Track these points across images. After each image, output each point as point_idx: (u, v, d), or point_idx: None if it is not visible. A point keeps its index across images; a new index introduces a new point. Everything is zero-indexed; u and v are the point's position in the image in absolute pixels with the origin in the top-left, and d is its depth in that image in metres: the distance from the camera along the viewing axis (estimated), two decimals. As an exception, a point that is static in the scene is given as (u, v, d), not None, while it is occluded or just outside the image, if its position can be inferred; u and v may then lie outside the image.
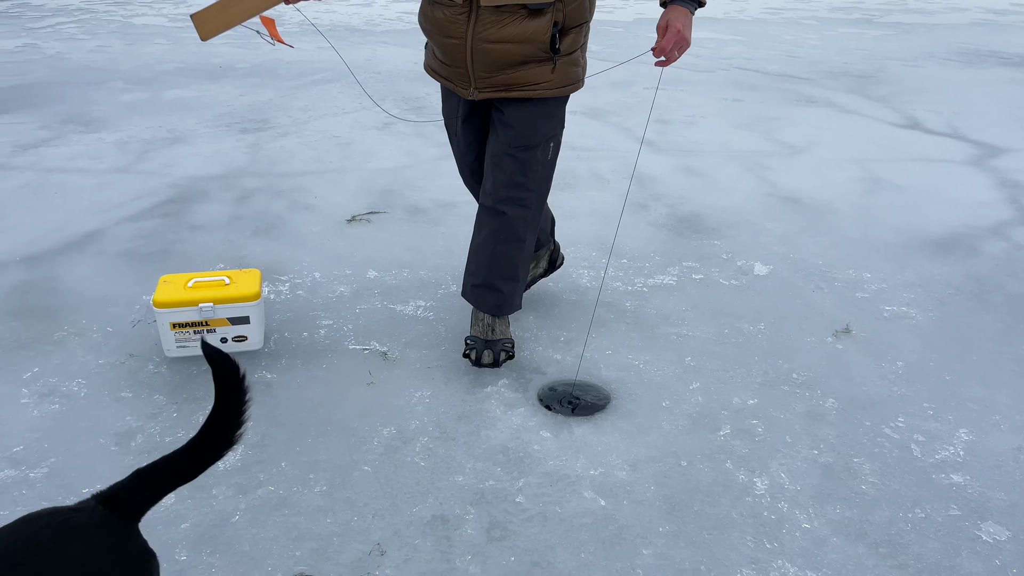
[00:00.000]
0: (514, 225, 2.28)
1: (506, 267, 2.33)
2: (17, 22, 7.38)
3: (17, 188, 3.63)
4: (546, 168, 2.27)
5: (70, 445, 2.03)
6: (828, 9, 9.17)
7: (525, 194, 2.25)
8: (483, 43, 2.06)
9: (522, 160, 2.20)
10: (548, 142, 2.23)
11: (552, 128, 2.22)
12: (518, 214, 2.27)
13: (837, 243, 3.24)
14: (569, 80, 2.17)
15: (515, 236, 2.30)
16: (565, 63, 2.13)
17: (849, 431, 2.13)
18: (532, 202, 2.27)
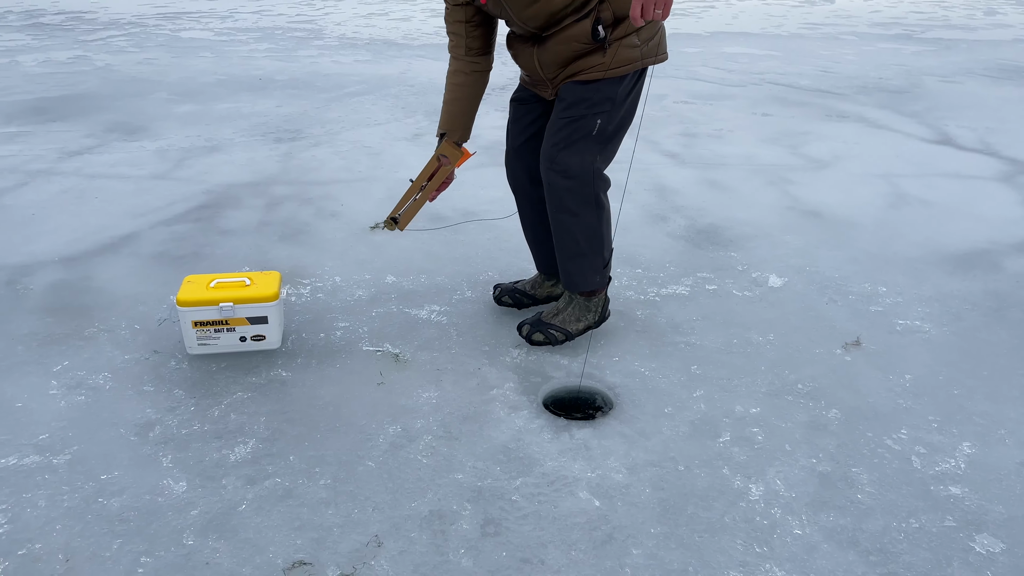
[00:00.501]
0: (562, 195, 2.36)
1: (566, 241, 2.44)
2: (71, 35, 7.69)
3: (61, 192, 3.80)
4: (590, 142, 2.31)
5: (92, 434, 2.13)
6: (868, 24, 9.08)
7: (569, 162, 2.32)
8: (544, 55, 2.29)
9: (567, 129, 2.31)
10: (595, 116, 2.28)
11: (599, 104, 2.27)
12: (563, 184, 2.35)
13: (855, 257, 3.23)
14: (623, 61, 2.23)
15: (566, 208, 2.38)
16: (620, 46, 2.22)
17: (850, 441, 2.14)
18: (576, 172, 2.33)
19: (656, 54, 2.31)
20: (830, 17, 9.52)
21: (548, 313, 2.59)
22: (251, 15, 8.95)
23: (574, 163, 2.33)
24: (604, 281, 2.54)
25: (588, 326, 2.57)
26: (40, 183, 3.89)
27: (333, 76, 6.31)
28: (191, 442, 2.11)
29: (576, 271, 2.50)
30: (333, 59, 6.87)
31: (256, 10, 9.23)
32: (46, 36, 7.63)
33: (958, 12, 10.06)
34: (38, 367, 2.42)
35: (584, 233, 2.42)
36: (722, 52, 7.43)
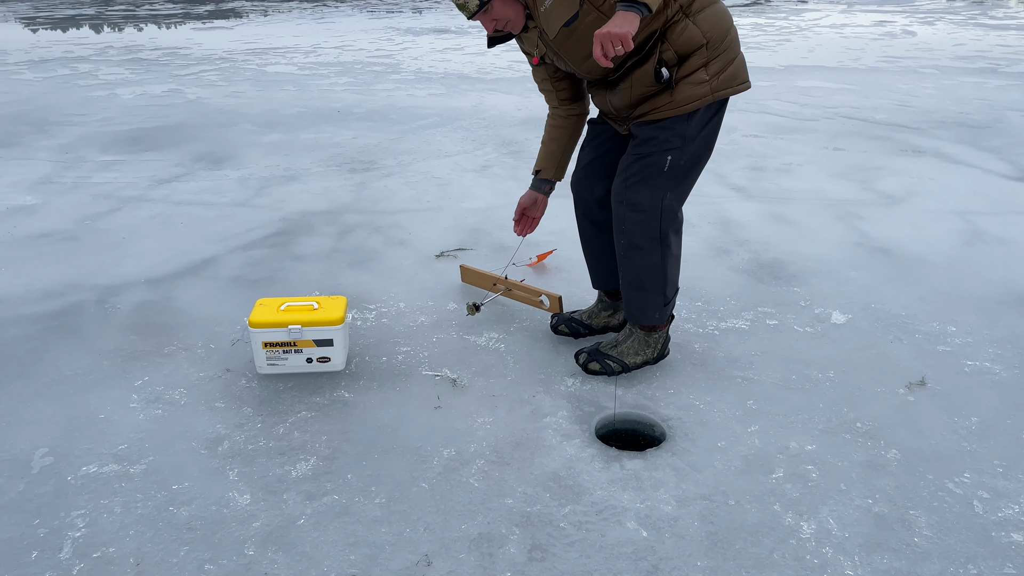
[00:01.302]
0: (629, 229, 2.41)
1: (629, 274, 2.49)
2: (166, 69, 8.17)
3: (150, 218, 4.04)
4: (662, 177, 2.34)
5: (167, 446, 2.26)
6: (950, 58, 8.86)
7: (637, 197, 2.37)
8: (615, 96, 2.37)
9: (637, 165, 2.37)
10: (665, 153, 2.32)
11: (669, 141, 2.31)
12: (630, 217, 2.40)
13: (924, 295, 3.16)
14: (693, 97, 2.27)
15: (632, 243, 2.43)
16: (686, 83, 2.26)
17: (909, 483, 2.09)
18: (644, 207, 2.37)
19: (732, 84, 2.32)
20: (911, 50, 9.32)
21: (607, 344, 2.62)
22: (333, 50, 9.33)
23: (643, 198, 2.37)
24: (664, 318, 2.55)
25: (646, 360, 2.59)
26: (132, 209, 4.15)
27: (408, 109, 6.52)
28: (256, 457, 2.21)
29: (637, 303, 2.53)
30: (408, 92, 7.10)
31: (338, 45, 9.61)
32: (143, 70, 8.12)
33: (1049, 44, 9.73)
34: (121, 381, 2.58)
35: (647, 269, 2.45)
36: (796, 86, 7.36)
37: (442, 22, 11.64)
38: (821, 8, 13.36)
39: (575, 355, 2.65)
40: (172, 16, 12.21)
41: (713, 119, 2.34)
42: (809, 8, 13.21)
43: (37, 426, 2.33)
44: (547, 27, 2.28)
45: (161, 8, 13.06)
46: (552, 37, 2.29)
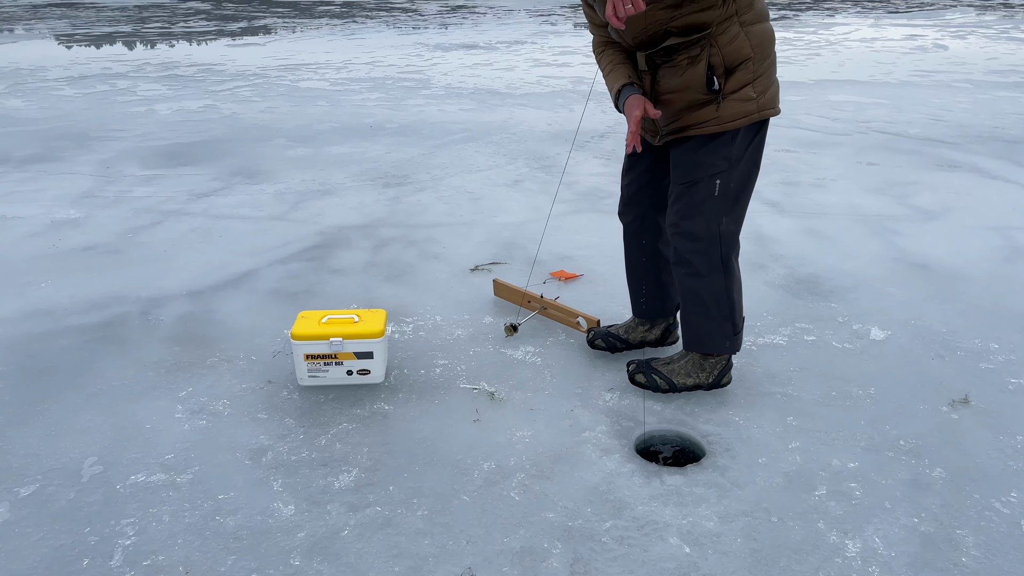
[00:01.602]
0: (688, 258, 2.41)
1: (691, 301, 2.48)
2: (201, 85, 8.32)
3: (189, 231, 4.11)
4: (715, 203, 2.33)
5: (212, 456, 2.30)
6: (984, 72, 8.77)
7: (692, 227, 2.37)
8: (658, 96, 2.33)
9: (687, 195, 2.36)
10: (712, 178, 2.31)
11: (715, 164, 2.30)
12: (688, 247, 2.40)
13: (965, 312, 3.13)
14: (739, 114, 2.26)
15: (692, 271, 2.42)
16: (733, 99, 2.25)
17: (955, 502, 2.07)
18: (701, 235, 2.37)
19: (773, 105, 2.32)
20: (943, 64, 9.24)
21: (661, 360, 2.61)
22: (364, 66, 9.44)
23: (699, 227, 2.36)
24: (734, 347, 2.53)
25: (698, 384, 2.55)
26: (172, 222, 4.22)
27: (439, 124, 6.58)
28: (300, 468, 2.24)
29: (702, 331, 2.50)
30: (439, 108, 7.16)
31: (368, 61, 9.73)
32: (180, 86, 8.28)
33: (1085, 57, 9.60)
34: (166, 392, 2.62)
35: (712, 296, 2.44)
36: (827, 100, 7.33)
37: (470, 38, 11.74)
38: (850, 22, 13.29)
39: (627, 364, 2.65)
40: (206, 33, 12.44)
41: (756, 138, 2.34)
42: (838, 22, 13.15)
43: (86, 435, 2.38)
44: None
45: (196, 25, 13.31)
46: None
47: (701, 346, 2.52)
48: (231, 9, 15.61)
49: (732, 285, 2.45)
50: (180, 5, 15.80)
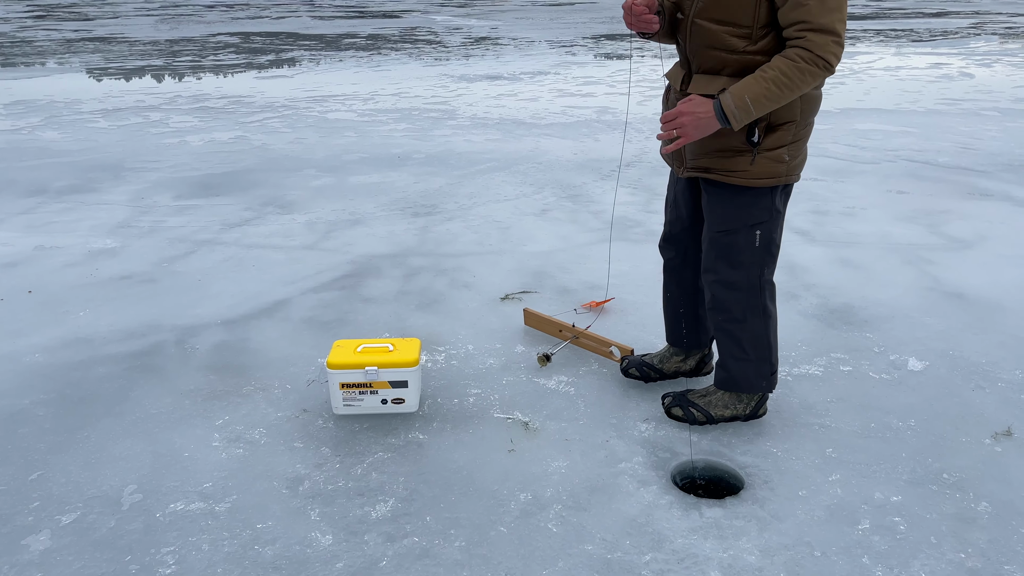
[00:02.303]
0: (727, 306, 2.41)
1: (729, 345, 2.47)
2: (231, 117, 8.46)
3: (223, 261, 4.17)
4: (753, 253, 2.33)
5: (249, 485, 2.31)
6: (1011, 100, 8.70)
7: (732, 277, 2.37)
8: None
9: (724, 244, 2.35)
10: (752, 229, 2.30)
11: (754, 216, 2.29)
12: (727, 295, 2.40)
13: (1004, 342, 3.08)
14: (768, 174, 2.24)
15: (731, 317, 2.42)
16: (766, 158, 2.22)
17: (1002, 537, 2.03)
18: (742, 285, 2.37)
19: (797, 172, 2.30)
20: (970, 92, 9.19)
21: (697, 392, 2.60)
22: (390, 97, 9.56)
23: (739, 277, 2.36)
24: (771, 386, 2.52)
25: (735, 416, 2.54)
26: (205, 252, 4.28)
27: (465, 154, 6.63)
28: (336, 497, 2.24)
29: (739, 374, 2.49)
30: (465, 138, 7.23)
31: (395, 92, 9.85)
32: (211, 118, 8.42)
33: (1115, 85, 9.51)
34: (203, 420, 2.64)
35: (750, 340, 2.44)
36: (853, 128, 7.31)
37: (494, 69, 11.87)
38: (873, 51, 13.29)
39: (662, 397, 2.64)
40: (235, 66, 12.68)
41: (785, 198, 2.34)
42: (861, 51, 13.15)
43: (125, 463, 2.40)
44: None
45: (225, 58, 13.58)
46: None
47: (738, 387, 2.51)
48: (259, 42, 15.92)
49: (770, 328, 2.45)
50: (210, 39, 16.14)
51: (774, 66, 2.06)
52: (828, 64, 2.03)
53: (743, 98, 2.06)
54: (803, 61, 2.03)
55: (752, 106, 2.07)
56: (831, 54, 2.02)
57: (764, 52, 2.12)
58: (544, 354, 2.96)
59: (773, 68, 2.06)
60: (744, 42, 2.13)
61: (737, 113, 2.08)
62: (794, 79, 2.04)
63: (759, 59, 2.13)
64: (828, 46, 2.01)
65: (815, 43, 2.01)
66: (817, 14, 2.00)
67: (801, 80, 2.05)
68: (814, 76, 2.05)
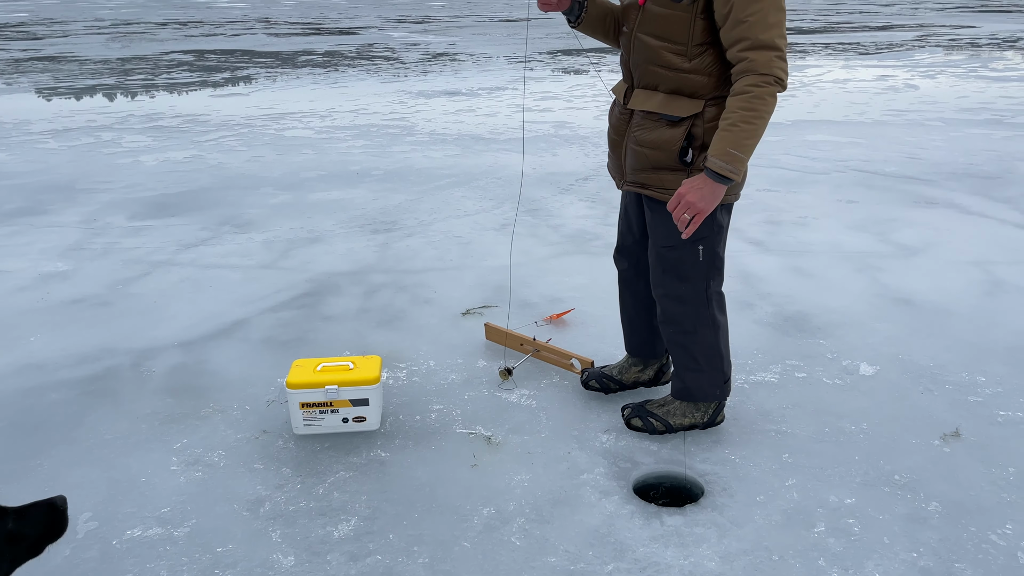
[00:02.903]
0: (677, 319, 2.46)
1: (682, 357, 2.51)
2: (186, 136, 8.36)
3: (179, 282, 4.11)
4: (698, 268, 2.37)
5: (208, 509, 2.28)
6: (955, 110, 8.99)
7: (680, 291, 2.42)
8: (632, 144, 2.35)
9: (670, 259, 2.39)
10: (695, 244, 2.34)
11: (696, 232, 2.30)
12: (677, 309, 2.44)
13: (951, 346, 3.18)
14: None
15: (682, 329, 2.47)
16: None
17: (952, 536, 2.09)
18: (690, 299, 2.42)
19: (736, 192, 2.34)
20: (915, 103, 9.47)
21: (655, 402, 2.64)
22: (348, 114, 9.54)
23: (686, 290, 2.41)
24: (724, 394, 2.57)
25: (694, 424, 2.58)
26: (160, 273, 4.22)
27: (425, 170, 6.64)
28: (298, 518, 2.22)
29: (693, 384, 2.54)
30: (424, 154, 7.24)
31: (353, 109, 9.83)
32: (165, 137, 8.31)
33: (1051, 95, 9.88)
34: (160, 444, 2.60)
35: (702, 351, 2.48)
36: (804, 140, 7.48)
37: (452, 84, 11.92)
38: (822, 64, 13.62)
39: (622, 408, 2.67)
40: (190, 84, 12.54)
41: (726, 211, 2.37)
42: (810, 64, 13.48)
43: (80, 491, 2.35)
44: None
45: (179, 77, 13.42)
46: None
47: (693, 397, 2.55)
48: (213, 60, 15.77)
49: (720, 338, 2.50)
50: (162, 57, 15.95)
51: (732, 109, 2.09)
52: (778, 79, 2.08)
53: (726, 151, 2.08)
54: (755, 87, 2.06)
55: (738, 152, 2.08)
56: (778, 69, 2.07)
57: (698, 71, 2.18)
58: (506, 368, 2.97)
59: (732, 111, 2.09)
60: (680, 59, 2.18)
61: (730, 167, 2.09)
62: (756, 109, 2.07)
63: (693, 78, 2.18)
64: (772, 62, 2.07)
65: (759, 62, 2.05)
66: (758, 31, 2.05)
67: (763, 106, 2.07)
68: (772, 96, 2.08)
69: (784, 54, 2.08)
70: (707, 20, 2.12)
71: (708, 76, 2.19)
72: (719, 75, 2.19)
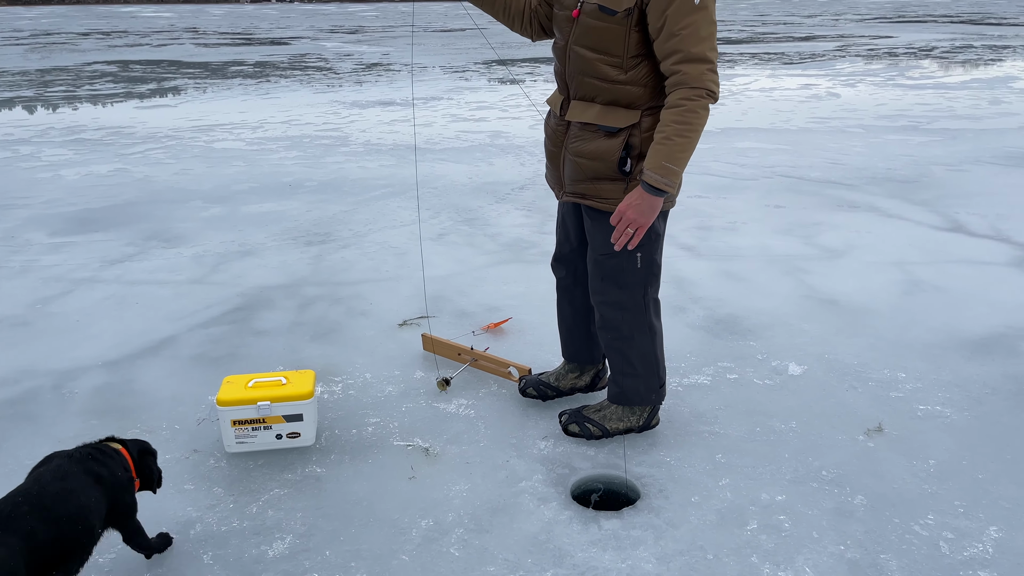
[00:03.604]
0: (615, 325, 2.48)
1: (619, 362, 2.54)
2: (110, 149, 8.11)
3: (103, 299, 3.98)
4: (636, 275, 2.40)
5: (136, 533, 2.20)
6: (874, 117, 9.35)
7: (619, 297, 2.44)
8: (570, 154, 2.37)
9: (608, 267, 2.41)
10: (633, 252, 2.36)
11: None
12: (615, 315, 2.47)
13: (873, 344, 3.30)
14: None
15: (619, 335, 2.49)
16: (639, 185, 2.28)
17: (877, 528, 2.16)
18: (628, 305, 2.45)
19: (671, 200, 2.38)
20: (837, 111, 9.81)
21: (591, 407, 2.66)
22: (280, 125, 9.40)
23: (625, 298, 2.44)
24: (660, 398, 2.61)
25: (629, 428, 2.62)
26: (84, 291, 4.08)
27: (359, 180, 6.58)
28: (231, 539, 2.17)
29: (629, 388, 2.57)
30: (359, 164, 7.17)
31: (285, 120, 9.69)
32: (88, 150, 8.05)
33: (963, 103, 10.34)
34: (84, 468, 2.50)
35: (639, 356, 2.52)
36: (733, 147, 7.68)
37: (387, 95, 11.85)
38: (750, 73, 14.01)
39: (559, 415, 2.69)
40: (114, 95, 12.18)
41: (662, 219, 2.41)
42: (738, 73, 13.85)
43: None
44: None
45: (102, 88, 13.03)
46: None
47: (629, 401, 2.59)
48: (139, 71, 15.36)
49: (656, 343, 2.54)
50: (85, 68, 15.46)
51: (666, 122, 2.13)
52: (710, 91, 2.12)
53: (661, 165, 2.12)
54: (687, 101, 2.10)
55: (672, 164, 2.12)
56: (709, 82, 2.11)
57: (634, 82, 2.21)
58: (443, 378, 2.96)
59: (666, 125, 2.12)
60: (616, 71, 2.21)
61: (665, 179, 2.13)
62: (689, 122, 2.10)
63: (629, 89, 2.22)
64: (704, 75, 2.10)
65: (691, 75, 2.09)
66: (690, 43, 2.09)
67: (695, 119, 2.11)
68: (704, 108, 2.11)
69: (715, 67, 2.13)
70: (641, 32, 2.17)
71: (644, 87, 2.23)
72: (654, 86, 2.23)
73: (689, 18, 2.08)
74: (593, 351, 2.83)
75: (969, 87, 11.84)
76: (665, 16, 2.09)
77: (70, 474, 1.83)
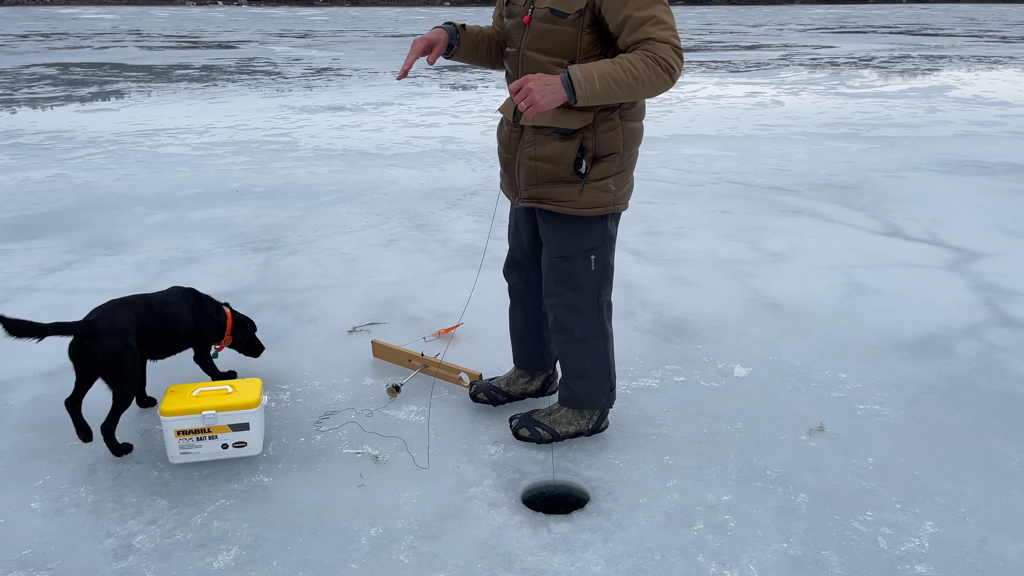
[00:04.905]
0: (569, 327, 2.50)
1: (571, 364, 2.56)
2: (49, 153, 7.88)
3: (40, 308, 3.86)
4: (590, 277, 2.44)
5: (74, 548, 2.14)
6: (816, 125, 9.60)
7: (573, 299, 2.46)
8: (525, 159, 2.38)
9: (563, 269, 2.44)
10: (587, 254, 2.40)
11: (588, 242, 2.39)
12: (569, 317, 2.49)
13: (815, 345, 3.38)
14: (597, 204, 2.34)
15: (573, 337, 2.51)
16: (593, 188, 2.32)
17: (818, 525, 2.22)
18: (582, 307, 2.47)
19: (624, 202, 2.42)
20: (781, 119, 10.05)
21: (541, 412, 2.67)
22: (227, 129, 9.25)
23: (578, 300, 2.46)
24: (611, 401, 2.64)
25: (579, 431, 2.64)
26: (20, 300, 3.95)
27: (308, 186, 6.51)
28: (174, 551, 2.12)
29: (581, 391, 2.59)
30: (308, 170, 7.10)
31: (232, 125, 9.54)
32: (24, 155, 7.81)
33: (901, 111, 10.68)
34: (20, 483, 2.43)
35: (591, 359, 2.54)
36: (681, 153, 7.80)
37: (336, 100, 11.75)
38: (697, 81, 14.26)
39: (509, 420, 2.69)
40: (53, 99, 11.85)
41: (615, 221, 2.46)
42: (686, 81, 14.08)
43: (-73, 538, 2.16)
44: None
45: (41, 91, 12.66)
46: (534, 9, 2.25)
47: (580, 404, 2.61)
48: (79, 74, 14.97)
49: (609, 347, 2.57)
50: (23, 70, 15.00)
51: (624, 57, 2.08)
52: (670, 67, 2.06)
53: (591, 71, 2.05)
54: (651, 60, 2.06)
55: (598, 82, 2.04)
56: (673, 59, 2.06)
57: None
58: (393, 385, 2.94)
59: (623, 58, 2.07)
60: None
61: (583, 83, 2.04)
62: (641, 72, 2.04)
63: None
64: (669, 52, 2.06)
65: (658, 48, 2.06)
66: (656, 31, 2.08)
67: (647, 75, 2.05)
68: (659, 77, 2.06)
69: (681, 52, 2.09)
70: (594, 34, 2.19)
71: None
72: None
73: (649, 10, 2.09)
74: (544, 357, 2.84)
75: (907, 96, 12.24)
76: (623, 13, 2.09)
77: (174, 296, 2.86)
